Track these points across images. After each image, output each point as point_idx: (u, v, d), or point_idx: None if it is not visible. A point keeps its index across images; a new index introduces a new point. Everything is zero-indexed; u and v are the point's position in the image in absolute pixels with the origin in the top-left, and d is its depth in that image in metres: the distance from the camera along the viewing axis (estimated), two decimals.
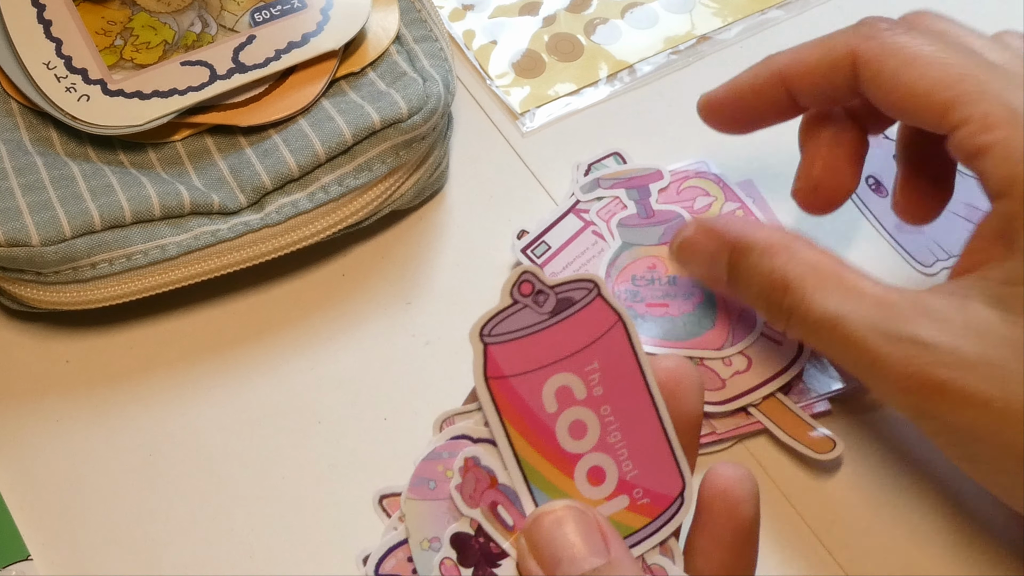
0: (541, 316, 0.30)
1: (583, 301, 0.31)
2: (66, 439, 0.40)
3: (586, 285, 0.31)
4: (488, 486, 0.30)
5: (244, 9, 0.45)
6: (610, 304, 0.30)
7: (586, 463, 0.30)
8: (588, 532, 0.29)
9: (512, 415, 0.30)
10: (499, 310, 0.30)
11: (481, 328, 0.30)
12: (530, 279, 0.30)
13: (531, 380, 0.30)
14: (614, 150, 0.47)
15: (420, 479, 0.30)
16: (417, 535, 0.30)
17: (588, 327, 0.31)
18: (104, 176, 0.41)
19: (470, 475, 0.29)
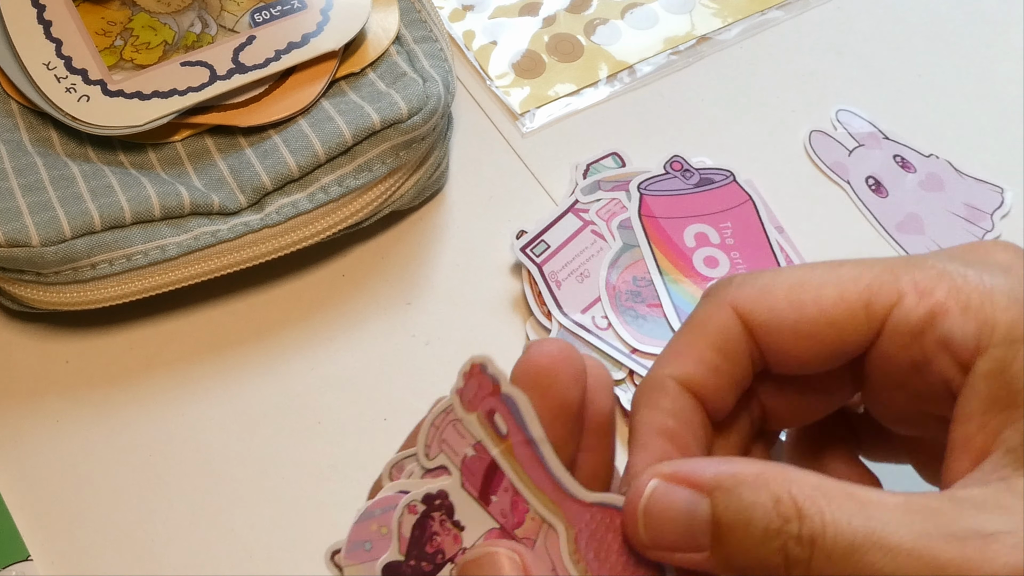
0: (687, 185, 0.44)
1: (721, 182, 0.42)
2: (66, 439, 0.40)
3: (724, 172, 0.45)
4: (489, 393, 0.29)
5: (244, 9, 0.45)
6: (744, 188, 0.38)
7: None
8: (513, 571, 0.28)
9: (658, 244, 0.43)
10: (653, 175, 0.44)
11: (639, 184, 0.44)
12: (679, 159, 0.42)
13: (675, 224, 0.44)
14: (612, 151, 0.47)
15: (355, 543, 0.29)
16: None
17: (724, 199, 0.44)
18: (104, 176, 0.41)
19: (473, 381, 0.29)
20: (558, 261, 0.43)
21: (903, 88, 0.50)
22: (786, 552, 0.28)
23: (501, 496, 0.29)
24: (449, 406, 0.29)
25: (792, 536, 0.28)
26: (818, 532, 0.28)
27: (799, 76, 0.51)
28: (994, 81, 0.51)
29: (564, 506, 0.29)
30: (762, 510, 0.28)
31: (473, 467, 0.29)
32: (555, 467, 0.29)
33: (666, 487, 0.29)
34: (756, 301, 0.31)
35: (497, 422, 0.29)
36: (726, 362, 0.31)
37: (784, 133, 0.49)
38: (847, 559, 0.27)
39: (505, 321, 0.43)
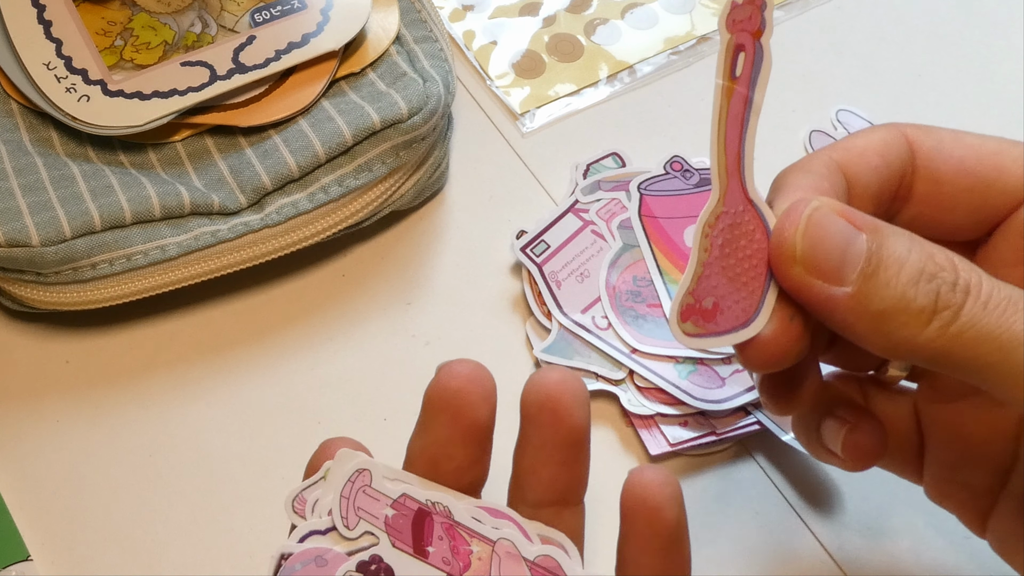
0: (687, 185, 0.44)
1: None
2: (66, 439, 0.40)
3: None
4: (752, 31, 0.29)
5: (244, 10, 0.45)
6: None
7: None
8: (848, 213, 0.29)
9: (659, 244, 0.43)
10: (653, 175, 0.44)
11: (639, 184, 0.44)
12: (679, 159, 0.42)
13: (676, 224, 0.44)
14: (612, 151, 0.47)
15: None
16: None
17: None
18: (104, 176, 0.41)
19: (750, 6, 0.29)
20: (558, 261, 0.43)
21: (903, 88, 0.50)
22: (939, 294, 0.27)
23: (437, 545, 0.28)
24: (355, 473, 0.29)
25: (948, 281, 0.28)
26: (974, 283, 0.27)
27: (799, 76, 0.51)
28: (994, 81, 0.51)
29: (731, 182, 0.29)
30: (919, 255, 0.28)
31: (398, 525, 0.28)
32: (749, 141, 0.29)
33: (828, 213, 0.29)
34: (926, 132, 0.32)
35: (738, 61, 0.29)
36: (885, 168, 0.32)
37: (784, 133, 0.49)
38: (1001, 311, 0.27)
39: (505, 321, 0.43)
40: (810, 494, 0.40)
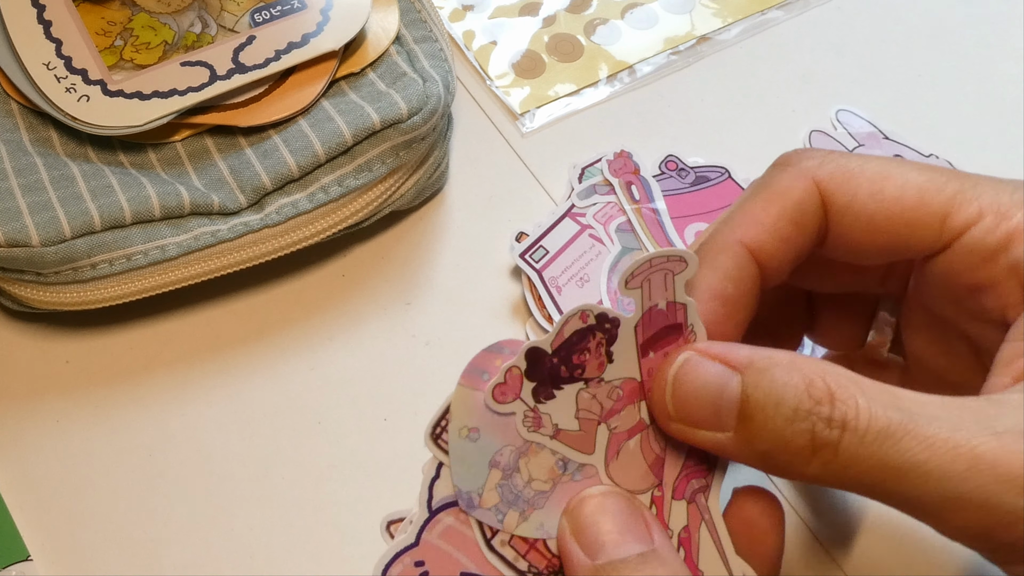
0: (683, 184, 0.44)
1: (716, 180, 0.43)
2: (66, 439, 0.40)
3: (719, 170, 0.45)
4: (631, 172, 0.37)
5: (244, 9, 0.45)
6: (741, 186, 0.38)
7: None
8: (632, 519, 0.29)
9: (660, 244, 0.44)
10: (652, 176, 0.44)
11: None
12: (674, 159, 0.44)
13: (676, 224, 0.44)
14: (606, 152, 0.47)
15: (475, 369, 0.30)
16: (458, 422, 0.29)
17: (723, 197, 0.44)
18: (104, 176, 0.41)
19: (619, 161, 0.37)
20: (558, 266, 0.43)
21: (903, 88, 0.50)
22: (814, 433, 0.27)
23: (658, 357, 0.30)
24: (678, 256, 0.29)
25: (823, 418, 0.27)
26: (851, 416, 0.27)
27: (799, 76, 0.51)
28: (994, 81, 0.51)
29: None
30: (794, 391, 0.27)
31: (655, 319, 0.29)
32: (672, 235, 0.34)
33: (699, 359, 0.29)
34: (840, 183, 0.31)
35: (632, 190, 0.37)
36: (799, 235, 0.31)
37: (784, 133, 0.49)
38: (879, 444, 0.26)
39: (505, 322, 0.43)
40: (811, 493, 0.40)
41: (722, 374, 0.29)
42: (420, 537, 0.29)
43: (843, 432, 0.27)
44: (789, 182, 0.31)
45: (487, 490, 0.29)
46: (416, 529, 0.29)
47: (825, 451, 0.27)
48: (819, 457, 0.27)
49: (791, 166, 0.31)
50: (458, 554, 0.29)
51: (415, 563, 0.29)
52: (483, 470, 0.29)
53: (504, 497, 0.29)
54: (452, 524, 0.29)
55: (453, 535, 0.29)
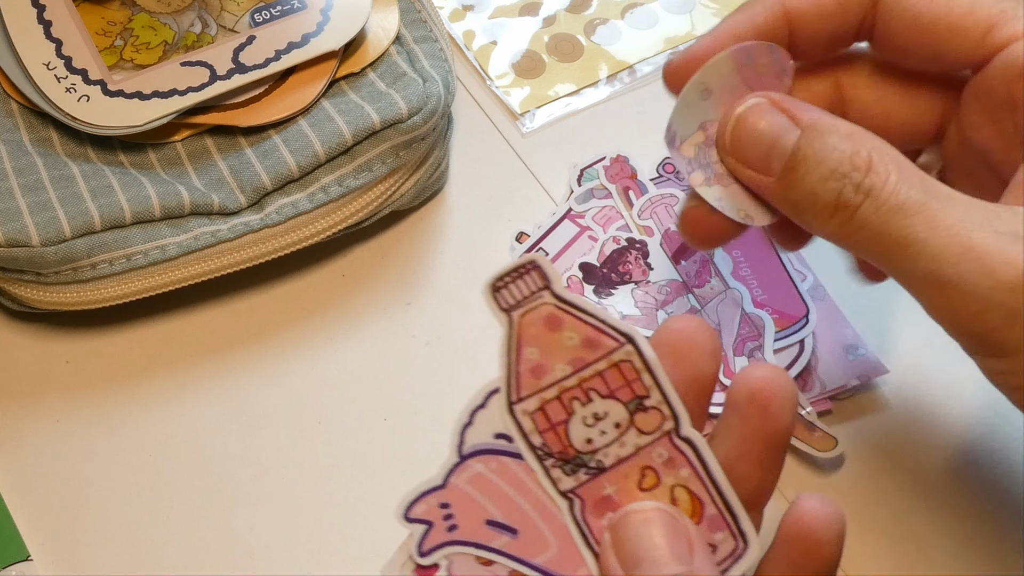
0: (683, 187, 0.44)
1: None
2: (66, 439, 0.40)
3: None
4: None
5: (244, 9, 0.45)
6: None
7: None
8: (675, 537, 0.28)
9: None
10: (648, 179, 0.45)
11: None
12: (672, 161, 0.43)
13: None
14: (604, 154, 0.47)
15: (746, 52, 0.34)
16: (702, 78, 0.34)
17: None
18: (104, 176, 0.41)
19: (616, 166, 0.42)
20: (558, 267, 0.43)
21: None
22: (840, 193, 0.30)
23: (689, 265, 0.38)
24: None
25: (853, 182, 0.30)
26: (877, 186, 0.30)
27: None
28: None
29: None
30: (839, 155, 0.31)
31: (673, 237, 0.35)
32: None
33: (766, 107, 0.32)
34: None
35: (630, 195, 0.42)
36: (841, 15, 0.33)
37: None
38: (892, 216, 0.30)
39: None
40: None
41: (783, 125, 0.32)
42: (448, 480, 0.29)
43: (865, 198, 0.30)
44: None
45: (689, 143, 0.33)
46: (444, 472, 0.29)
47: (845, 211, 0.30)
48: (838, 216, 0.31)
49: None
50: (485, 501, 0.29)
51: (440, 504, 0.29)
52: (694, 125, 0.34)
53: (698, 158, 0.34)
54: (481, 471, 0.29)
55: (481, 482, 0.29)
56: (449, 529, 0.29)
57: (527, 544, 0.29)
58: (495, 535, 0.29)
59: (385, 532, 0.39)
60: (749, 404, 0.29)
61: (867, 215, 0.30)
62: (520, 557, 0.29)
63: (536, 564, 0.29)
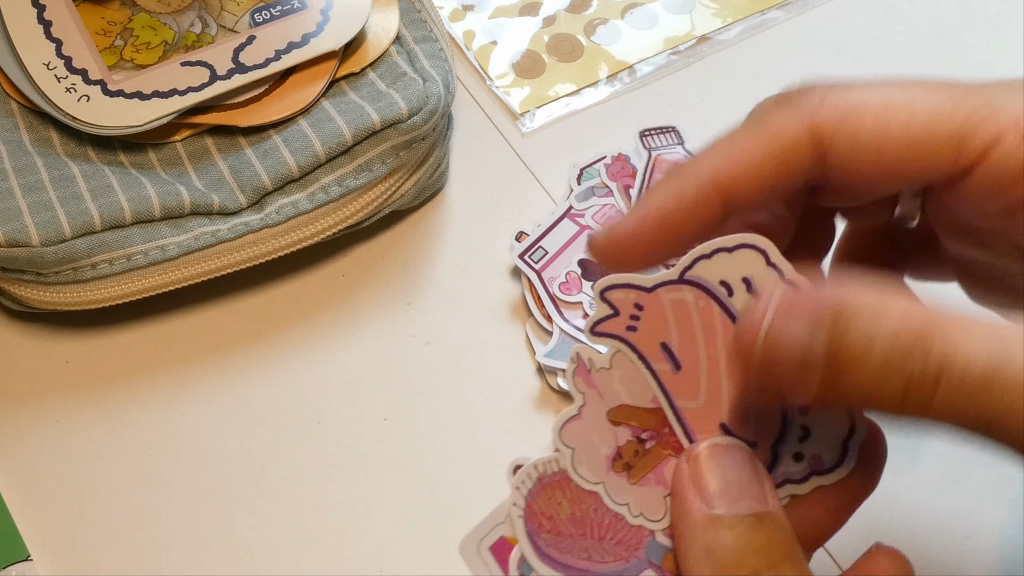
0: None
1: None
2: (66, 439, 0.40)
3: None
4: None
5: (244, 9, 0.45)
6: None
7: None
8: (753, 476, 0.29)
9: None
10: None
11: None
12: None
13: None
14: (608, 153, 0.47)
15: None
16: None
17: None
18: (104, 176, 0.41)
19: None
20: (557, 267, 0.43)
21: None
22: (908, 384, 0.25)
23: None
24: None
25: (919, 360, 0.25)
26: (950, 358, 0.25)
27: (799, 76, 0.51)
28: None
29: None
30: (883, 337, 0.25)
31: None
32: None
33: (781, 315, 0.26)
34: (840, 123, 0.29)
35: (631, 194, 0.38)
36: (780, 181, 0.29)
37: None
38: (983, 387, 0.25)
39: (505, 322, 0.43)
40: None
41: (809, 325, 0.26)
42: (655, 289, 0.28)
43: (938, 382, 0.25)
44: (783, 124, 0.29)
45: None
46: (657, 280, 0.28)
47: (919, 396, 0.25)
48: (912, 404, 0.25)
49: (789, 106, 0.29)
50: (673, 326, 0.29)
51: (636, 304, 0.29)
52: None
53: None
54: (688, 300, 0.28)
55: (681, 309, 0.28)
56: (628, 328, 0.29)
57: (682, 385, 0.29)
58: (662, 359, 0.29)
59: (385, 532, 0.39)
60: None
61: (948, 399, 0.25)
62: (669, 391, 0.29)
63: (679, 406, 0.29)
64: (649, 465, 0.30)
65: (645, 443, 0.30)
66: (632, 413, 0.30)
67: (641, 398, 0.30)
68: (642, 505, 0.30)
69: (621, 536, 0.30)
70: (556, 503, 0.30)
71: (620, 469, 0.30)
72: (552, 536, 0.30)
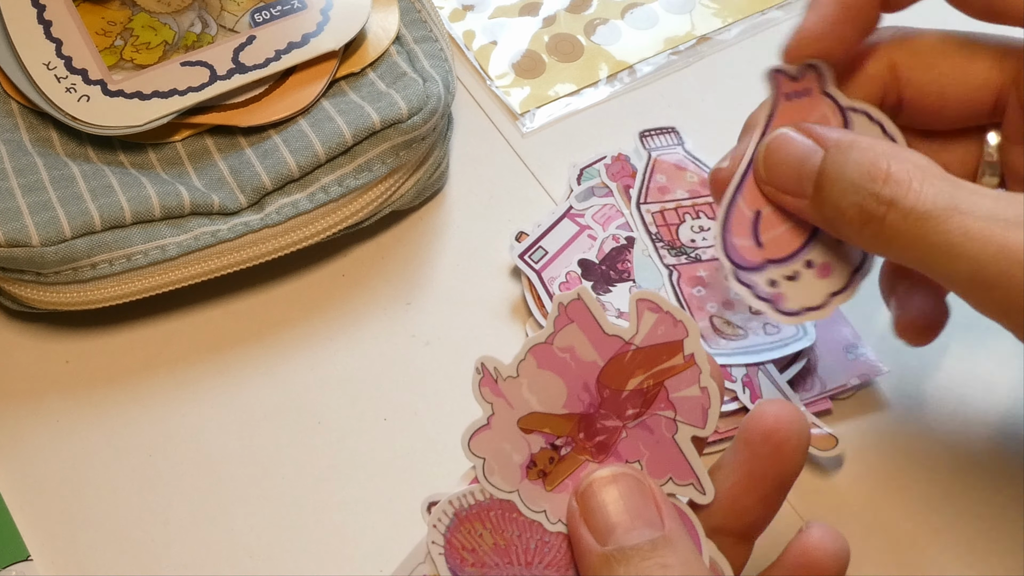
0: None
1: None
2: (66, 439, 0.40)
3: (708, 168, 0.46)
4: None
5: (244, 9, 0.45)
6: None
7: None
8: (643, 502, 0.29)
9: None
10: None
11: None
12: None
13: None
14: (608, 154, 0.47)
15: None
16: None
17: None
18: (104, 176, 0.41)
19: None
20: (557, 267, 0.43)
21: None
22: (862, 206, 0.31)
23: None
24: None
25: (872, 193, 0.31)
26: (900, 195, 0.31)
27: None
28: None
29: None
30: (857, 168, 0.32)
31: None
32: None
33: (791, 134, 0.34)
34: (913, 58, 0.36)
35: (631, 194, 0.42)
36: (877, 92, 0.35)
37: None
38: (923, 223, 0.30)
39: (505, 322, 0.43)
40: (811, 492, 0.40)
41: (808, 148, 0.34)
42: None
43: (889, 208, 0.31)
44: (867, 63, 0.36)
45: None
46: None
47: (873, 223, 0.31)
48: (868, 228, 0.31)
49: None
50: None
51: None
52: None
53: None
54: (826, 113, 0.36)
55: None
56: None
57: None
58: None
59: (385, 532, 0.39)
60: (763, 443, 0.29)
61: (896, 224, 0.31)
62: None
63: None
64: (565, 471, 0.30)
65: (560, 449, 0.30)
66: (544, 420, 0.30)
67: (553, 404, 0.30)
68: (559, 511, 0.30)
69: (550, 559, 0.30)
70: (477, 535, 0.30)
71: (535, 477, 0.30)
72: (477, 569, 0.30)
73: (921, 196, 0.31)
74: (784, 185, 0.34)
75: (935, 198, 0.30)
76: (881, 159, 0.32)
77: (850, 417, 0.41)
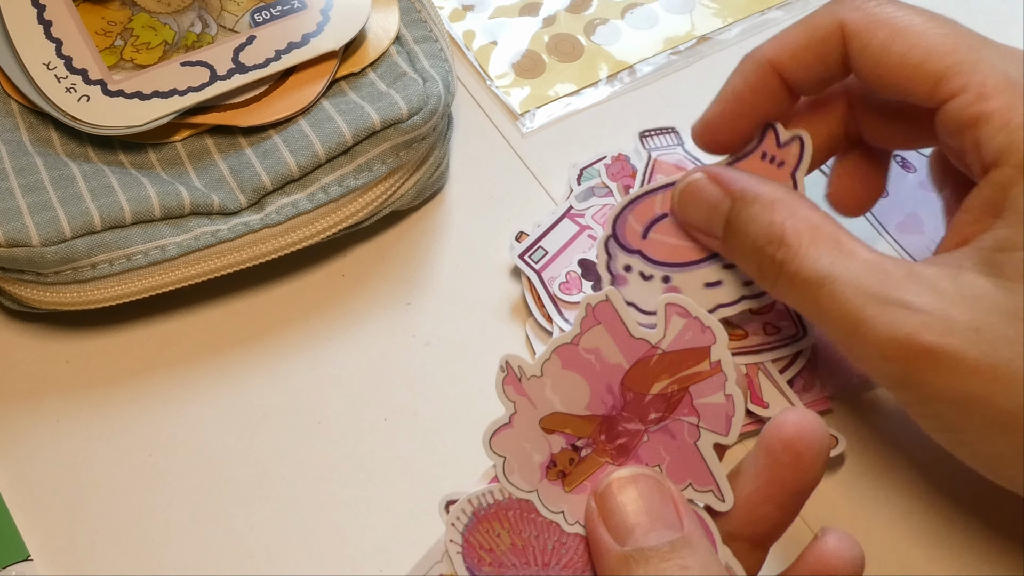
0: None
1: None
2: (66, 439, 0.40)
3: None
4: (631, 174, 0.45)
5: (244, 9, 0.45)
6: None
7: None
8: (661, 502, 0.29)
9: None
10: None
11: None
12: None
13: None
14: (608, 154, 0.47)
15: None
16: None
17: None
18: (104, 176, 0.41)
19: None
20: (557, 267, 0.43)
21: None
22: (760, 266, 0.35)
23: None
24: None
25: (768, 256, 0.35)
26: (788, 260, 0.34)
27: None
28: None
29: None
30: (756, 227, 0.35)
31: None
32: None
33: (701, 183, 0.37)
34: (862, 28, 0.35)
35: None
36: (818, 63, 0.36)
37: None
38: (803, 288, 0.34)
39: (505, 321, 0.43)
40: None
41: (718, 196, 0.36)
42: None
43: (780, 270, 0.34)
44: (820, 18, 0.36)
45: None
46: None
47: (768, 280, 0.35)
48: (766, 283, 0.35)
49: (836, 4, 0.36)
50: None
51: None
52: None
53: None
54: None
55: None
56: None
57: None
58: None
59: (385, 532, 0.39)
60: (784, 452, 0.29)
61: (784, 285, 0.34)
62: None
63: None
64: (585, 473, 0.30)
65: (580, 451, 0.30)
66: (566, 420, 0.30)
67: (576, 405, 0.30)
68: (578, 513, 0.30)
69: (567, 560, 0.30)
70: (495, 535, 0.30)
71: (555, 477, 0.30)
72: (494, 569, 0.29)
73: (806, 261, 0.34)
74: (696, 227, 0.38)
75: (816, 265, 0.33)
76: (777, 218, 0.35)
77: (850, 417, 0.41)
